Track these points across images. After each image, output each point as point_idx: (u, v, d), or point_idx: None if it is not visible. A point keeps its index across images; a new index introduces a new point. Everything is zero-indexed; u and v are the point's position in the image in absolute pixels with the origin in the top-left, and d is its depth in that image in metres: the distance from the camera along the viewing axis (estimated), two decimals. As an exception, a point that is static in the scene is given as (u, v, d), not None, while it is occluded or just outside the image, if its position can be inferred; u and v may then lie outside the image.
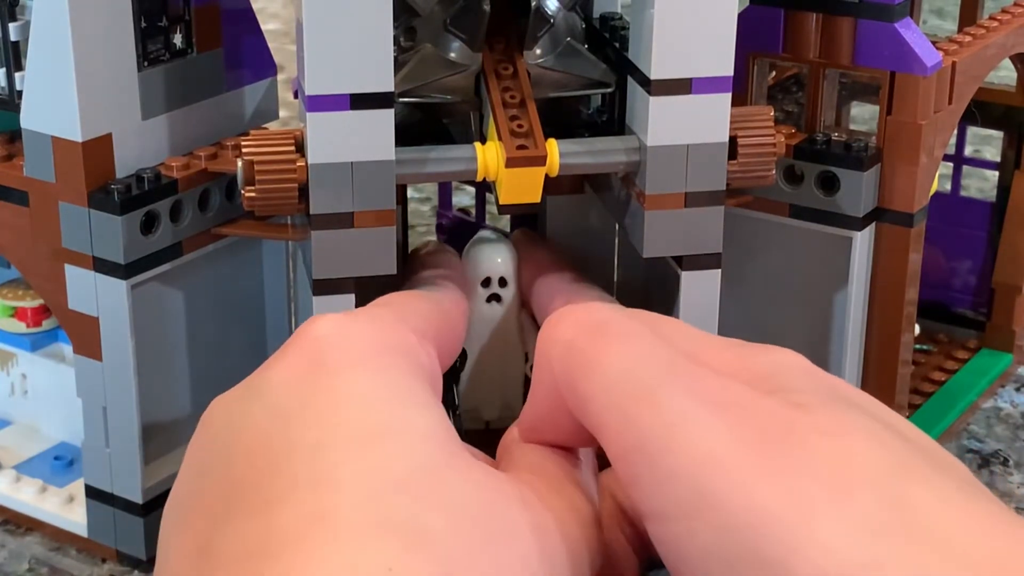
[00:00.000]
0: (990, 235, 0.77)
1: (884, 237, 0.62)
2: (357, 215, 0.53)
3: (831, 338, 0.64)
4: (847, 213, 0.61)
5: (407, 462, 0.37)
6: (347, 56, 0.51)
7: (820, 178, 0.61)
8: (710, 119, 0.54)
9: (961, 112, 0.63)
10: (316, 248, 0.53)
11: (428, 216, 0.94)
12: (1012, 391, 0.75)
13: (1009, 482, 0.67)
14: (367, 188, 0.52)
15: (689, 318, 0.58)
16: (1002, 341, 0.77)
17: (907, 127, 0.60)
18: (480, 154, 0.54)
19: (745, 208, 0.61)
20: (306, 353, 0.41)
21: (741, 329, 0.65)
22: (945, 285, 0.79)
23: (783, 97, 0.73)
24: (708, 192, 0.55)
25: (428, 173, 0.55)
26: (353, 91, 0.51)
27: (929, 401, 0.72)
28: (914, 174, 0.60)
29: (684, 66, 0.54)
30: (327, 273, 0.54)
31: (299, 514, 0.35)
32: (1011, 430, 0.72)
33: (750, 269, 0.65)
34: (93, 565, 0.61)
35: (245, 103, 0.62)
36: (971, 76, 0.63)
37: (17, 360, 0.68)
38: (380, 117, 0.52)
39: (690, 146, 0.55)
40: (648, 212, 0.55)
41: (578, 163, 0.55)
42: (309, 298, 0.54)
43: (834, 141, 0.61)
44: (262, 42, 0.62)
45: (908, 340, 0.64)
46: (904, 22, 0.60)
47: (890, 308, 0.63)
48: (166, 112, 0.58)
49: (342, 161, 0.52)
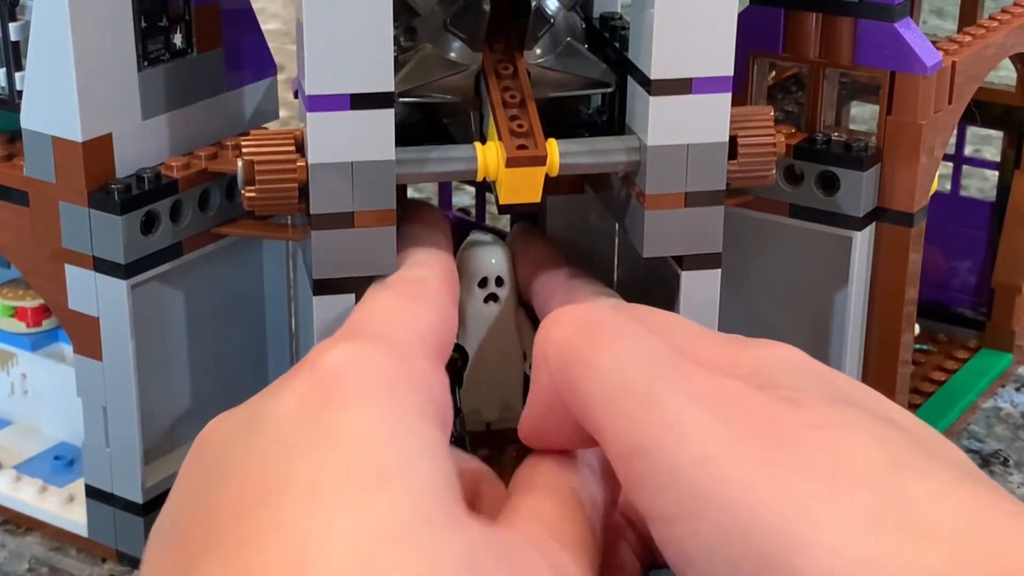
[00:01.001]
0: (990, 235, 0.77)
1: (884, 237, 0.62)
2: (357, 215, 0.53)
3: (831, 338, 0.64)
4: (847, 213, 0.61)
5: (403, 514, 0.35)
6: (347, 56, 0.51)
7: (820, 178, 0.61)
8: (710, 119, 0.54)
9: (961, 112, 0.64)
10: (316, 248, 0.53)
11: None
12: (1012, 391, 0.75)
13: (1009, 482, 0.67)
14: (367, 188, 0.52)
15: (689, 318, 0.58)
16: (1002, 341, 0.77)
17: (907, 127, 0.60)
18: (480, 154, 0.54)
19: (745, 208, 0.61)
20: (316, 383, 0.40)
21: (741, 329, 0.65)
22: (945, 285, 0.79)
23: (783, 97, 0.73)
24: (708, 192, 0.55)
25: (428, 173, 0.55)
26: (353, 91, 0.51)
27: (929, 401, 0.72)
28: (914, 174, 0.60)
29: (684, 66, 0.54)
30: (327, 273, 0.54)
31: (282, 559, 0.34)
32: (1011, 430, 0.72)
33: (750, 269, 0.65)
34: (93, 565, 0.61)
35: (245, 103, 0.62)
36: (971, 76, 0.63)
37: (17, 360, 0.68)
38: (380, 117, 0.52)
39: (690, 146, 0.55)
40: (648, 212, 0.55)
41: (578, 163, 0.55)
42: (309, 298, 0.54)
43: (834, 141, 0.61)
44: (262, 42, 0.62)
45: (908, 340, 0.64)
46: (904, 22, 0.60)
47: (890, 308, 0.63)
48: (166, 112, 0.58)
49: (342, 161, 0.52)
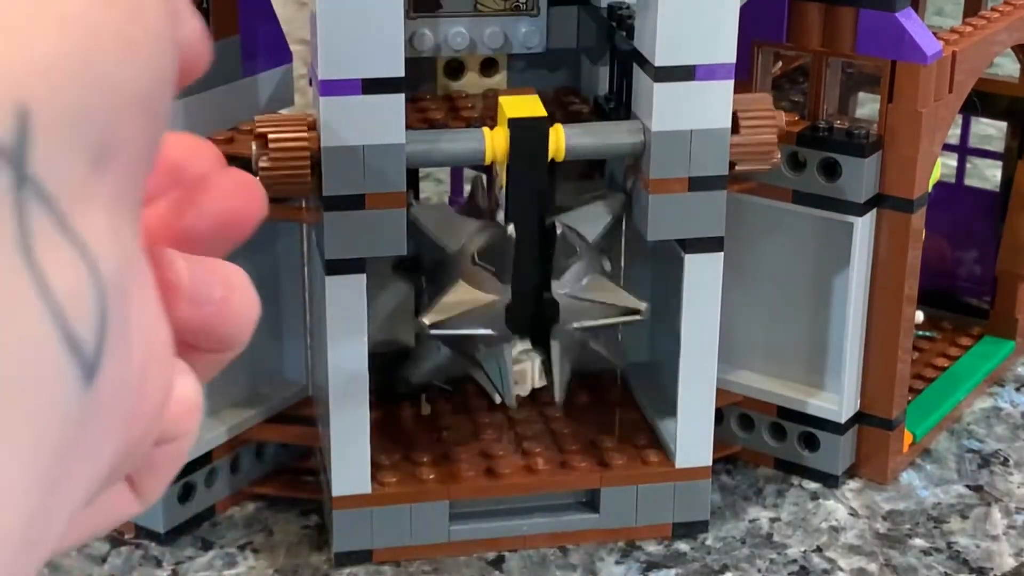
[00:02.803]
0: (994, 224, 0.78)
1: (885, 223, 0.63)
2: (368, 197, 0.54)
3: (832, 320, 0.65)
4: (849, 199, 0.62)
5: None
6: (359, 42, 0.52)
7: (822, 164, 0.62)
8: (713, 105, 0.56)
9: (962, 101, 0.65)
10: (328, 229, 0.54)
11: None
12: (1012, 391, 0.76)
13: (1009, 482, 0.68)
14: (378, 170, 0.54)
15: (692, 300, 0.59)
16: (1005, 328, 0.77)
17: (908, 115, 0.61)
18: (488, 139, 0.55)
19: (748, 194, 0.62)
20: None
21: (744, 312, 0.67)
22: (949, 273, 0.80)
23: (790, 87, 0.74)
24: (711, 176, 0.57)
25: (437, 156, 0.56)
26: (365, 76, 0.53)
27: (932, 386, 0.73)
28: (914, 161, 0.61)
29: (687, 53, 0.55)
30: (339, 253, 0.55)
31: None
32: (1011, 430, 0.72)
33: (753, 253, 0.66)
34: (93, 565, 0.62)
35: (260, 89, 0.63)
36: (972, 66, 0.64)
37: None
38: (391, 101, 0.53)
39: (693, 131, 0.56)
40: (652, 196, 0.57)
41: (584, 147, 0.57)
42: (322, 279, 0.56)
43: (836, 128, 0.62)
44: (278, 30, 0.64)
45: (908, 323, 0.65)
46: (905, 12, 0.61)
47: (891, 293, 0.64)
48: (183, 98, 0.60)
49: (354, 144, 0.53)
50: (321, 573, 0.61)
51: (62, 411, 0.20)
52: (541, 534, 0.62)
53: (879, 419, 0.66)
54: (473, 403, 0.67)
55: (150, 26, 0.23)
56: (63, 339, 0.20)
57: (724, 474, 0.68)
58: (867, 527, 0.64)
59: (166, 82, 0.23)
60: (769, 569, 0.61)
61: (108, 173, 0.21)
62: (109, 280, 0.20)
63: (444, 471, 0.62)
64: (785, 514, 0.65)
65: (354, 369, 0.57)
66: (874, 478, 0.67)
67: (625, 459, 0.62)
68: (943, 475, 0.68)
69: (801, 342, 0.66)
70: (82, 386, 0.20)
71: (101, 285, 0.20)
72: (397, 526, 0.60)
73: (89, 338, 0.20)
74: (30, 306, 0.19)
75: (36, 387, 0.19)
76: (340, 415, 0.58)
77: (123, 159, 0.21)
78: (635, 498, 0.62)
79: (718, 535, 0.63)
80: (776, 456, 0.68)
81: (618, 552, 0.62)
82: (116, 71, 0.21)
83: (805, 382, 0.67)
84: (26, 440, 0.19)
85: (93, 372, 0.20)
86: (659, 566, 0.61)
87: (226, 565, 0.61)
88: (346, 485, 0.59)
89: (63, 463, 0.20)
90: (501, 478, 0.62)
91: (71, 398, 0.20)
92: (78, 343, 0.20)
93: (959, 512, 0.65)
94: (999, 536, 0.64)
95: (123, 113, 0.21)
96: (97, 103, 0.21)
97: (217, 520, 0.64)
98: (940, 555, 0.62)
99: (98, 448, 0.22)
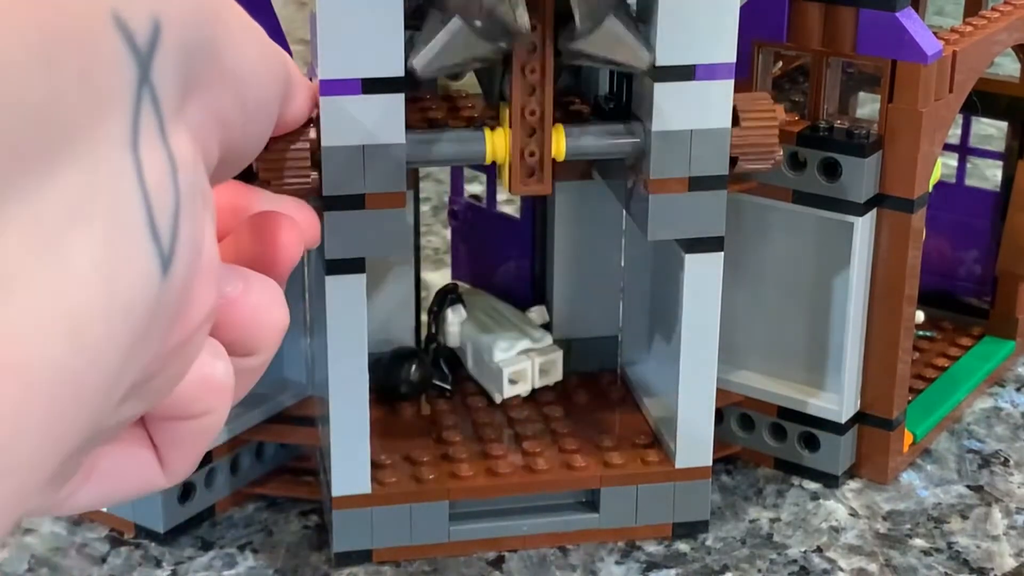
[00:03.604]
0: (994, 224, 0.78)
1: (885, 223, 0.63)
2: (368, 196, 0.54)
3: (832, 320, 0.65)
4: (849, 199, 0.62)
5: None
6: (359, 41, 0.52)
7: (822, 164, 0.62)
8: (713, 105, 0.56)
9: (962, 101, 0.65)
10: (328, 228, 0.54)
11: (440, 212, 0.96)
12: (1012, 391, 0.76)
13: (1009, 482, 0.68)
14: (378, 170, 0.54)
15: (692, 300, 0.59)
16: (1005, 329, 0.77)
17: (908, 114, 0.61)
18: (488, 139, 0.55)
19: (749, 194, 0.62)
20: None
21: (744, 312, 0.67)
22: (950, 273, 0.80)
23: (790, 88, 0.74)
24: (711, 176, 0.57)
25: (437, 156, 0.56)
26: (364, 76, 0.53)
27: (932, 386, 0.73)
28: (915, 161, 0.61)
29: (687, 53, 0.55)
30: (339, 253, 0.55)
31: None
32: (1011, 430, 0.72)
33: (753, 253, 0.66)
34: (93, 565, 0.61)
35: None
36: (972, 66, 0.64)
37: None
38: (391, 101, 0.53)
39: (693, 131, 0.56)
40: (652, 196, 0.56)
41: (585, 148, 0.57)
42: (322, 279, 0.56)
43: (836, 128, 0.62)
44: (277, 26, 0.64)
45: (909, 323, 0.65)
46: (905, 11, 0.61)
47: (891, 292, 0.64)
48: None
49: (354, 144, 0.53)
50: (321, 573, 0.61)
51: (145, 294, 0.22)
52: (541, 534, 0.62)
53: (879, 419, 0.66)
54: (473, 403, 0.67)
55: (269, 52, 0.29)
56: (148, 224, 0.22)
57: (724, 474, 0.68)
58: (867, 527, 0.64)
59: (261, 87, 0.29)
60: (769, 569, 0.61)
61: (192, 106, 0.24)
62: (184, 189, 0.23)
63: (444, 471, 0.62)
64: (785, 514, 0.65)
65: (354, 369, 0.57)
66: (874, 478, 0.67)
67: (625, 459, 0.62)
68: (943, 475, 0.68)
69: (801, 342, 0.66)
70: (160, 277, 0.22)
71: (177, 190, 0.23)
72: (397, 526, 0.60)
73: (166, 234, 0.22)
74: (130, 184, 0.21)
75: (129, 262, 0.21)
76: (340, 415, 0.58)
77: (204, 101, 0.25)
78: (635, 498, 0.62)
79: (718, 535, 0.63)
80: (776, 456, 0.68)
81: (618, 552, 0.62)
82: (222, 44, 0.26)
83: (805, 382, 0.67)
84: (121, 306, 0.21)
85: (168, 265, 0.22)
86: (659, 566, 0.61)
87: (226, 565, 0.61)
88: (346, 485, 0.59)
89: (133, 348, 0.22)
90: (501, 478, 0.62)
91: (152, 285, 0.22)
92: (158, 233, 0.22)
93: (959, 512, 0.65)
94: (999, 536, 0.63)
95: (213, 68, 0.25)
96: (200, 50, 0.24)
97: (217, 520, 0.64)
98: (940, 555, 0.62)
99: (147, 346, 0.23)
